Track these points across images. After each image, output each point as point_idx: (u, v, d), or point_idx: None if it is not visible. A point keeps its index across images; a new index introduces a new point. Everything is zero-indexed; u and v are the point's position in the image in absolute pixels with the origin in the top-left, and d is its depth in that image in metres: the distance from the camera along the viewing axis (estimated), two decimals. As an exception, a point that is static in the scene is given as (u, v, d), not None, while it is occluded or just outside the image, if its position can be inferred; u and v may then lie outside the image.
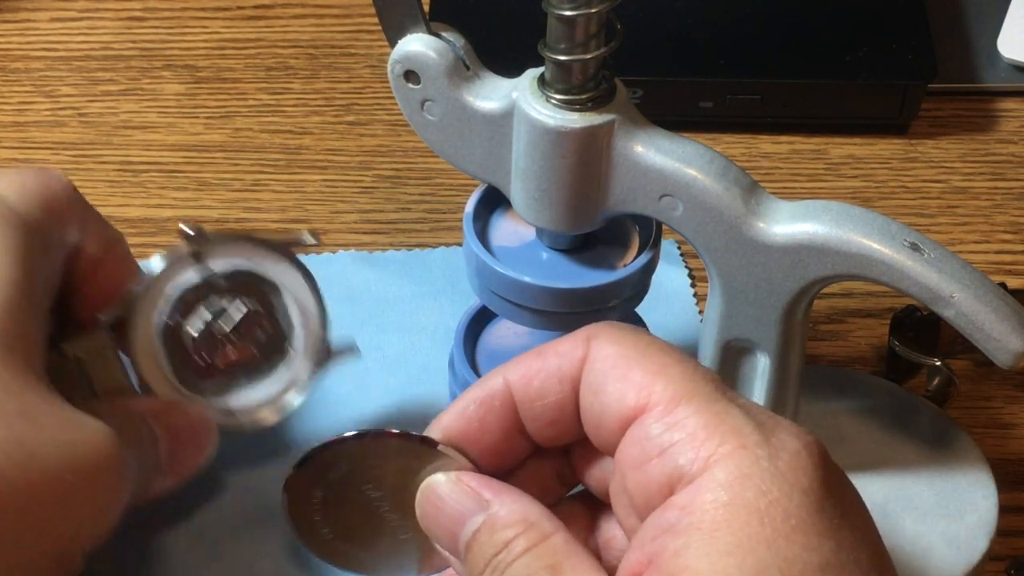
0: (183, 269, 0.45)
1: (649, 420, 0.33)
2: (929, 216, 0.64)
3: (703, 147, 0.43)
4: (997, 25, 0.70)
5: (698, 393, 0.33)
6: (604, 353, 0.34)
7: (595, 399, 0.34)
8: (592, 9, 0.40)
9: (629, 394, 0.33)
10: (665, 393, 0.33)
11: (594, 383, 0.34)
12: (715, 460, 0.31)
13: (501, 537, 0.34)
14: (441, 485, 0.35)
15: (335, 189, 0.65)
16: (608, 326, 0.35)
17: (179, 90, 0.70)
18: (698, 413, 0.32)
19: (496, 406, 0.36)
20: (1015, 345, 0.41)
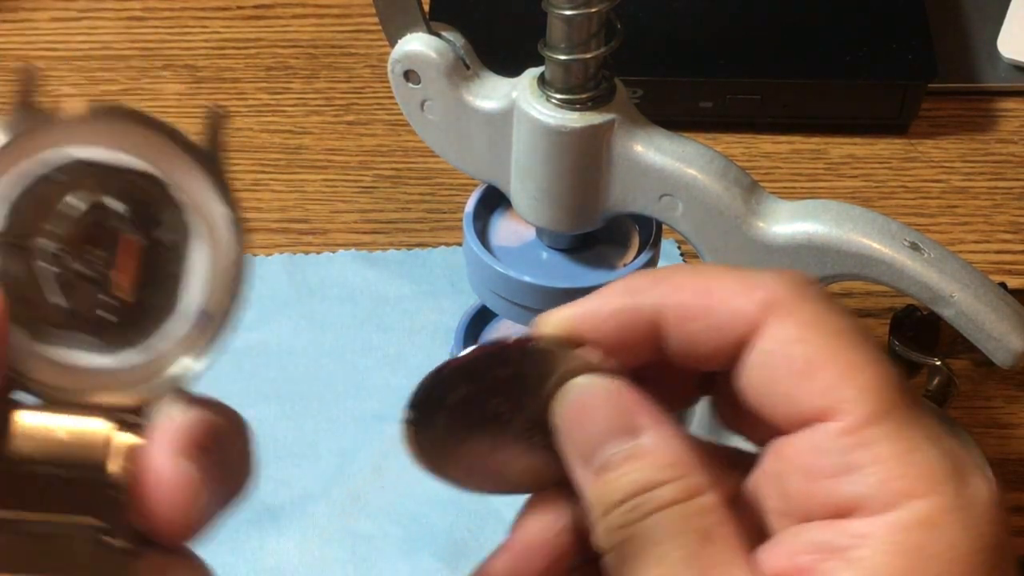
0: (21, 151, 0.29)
1: (833, 432, 0.29)
2: (929, 216, 0.64)
3: (703, 147, 0.43)
4: (997, 25, 0.70)
5: (893, 413, 0.29)
6: (786, 335, 0.30)
7: (769, 385, 0.30)
8: (592, 9, 0.40)
9: (813, 395, 0.30)
10: (856, 405, 0.29)
11: (769, 366, 0.30)
12: (903, 499, 0.28)
13: (647, 476, 0.30)
14: (593, 390, 0.31)
15: (335, 189, 0.65)
16: (794, 290, 0.31)
17: (179, 90, 0.70)
18: (891, 439, 0.29)
19: (640, 327, 0.32)
20: (1015, 344, 0.41)
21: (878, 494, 0.28)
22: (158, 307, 0.29)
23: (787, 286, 0.31)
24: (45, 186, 0.28)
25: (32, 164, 0.28)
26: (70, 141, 0.29)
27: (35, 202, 0.28)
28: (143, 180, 0.29)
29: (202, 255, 0.29)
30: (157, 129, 0.29)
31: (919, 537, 0.28)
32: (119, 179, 0.29)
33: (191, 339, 0.29)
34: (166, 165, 0.30)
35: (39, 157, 0.28)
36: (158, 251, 0.29)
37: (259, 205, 0.64)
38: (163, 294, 0.29)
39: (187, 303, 0.29)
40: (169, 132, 0.30)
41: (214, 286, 0.29)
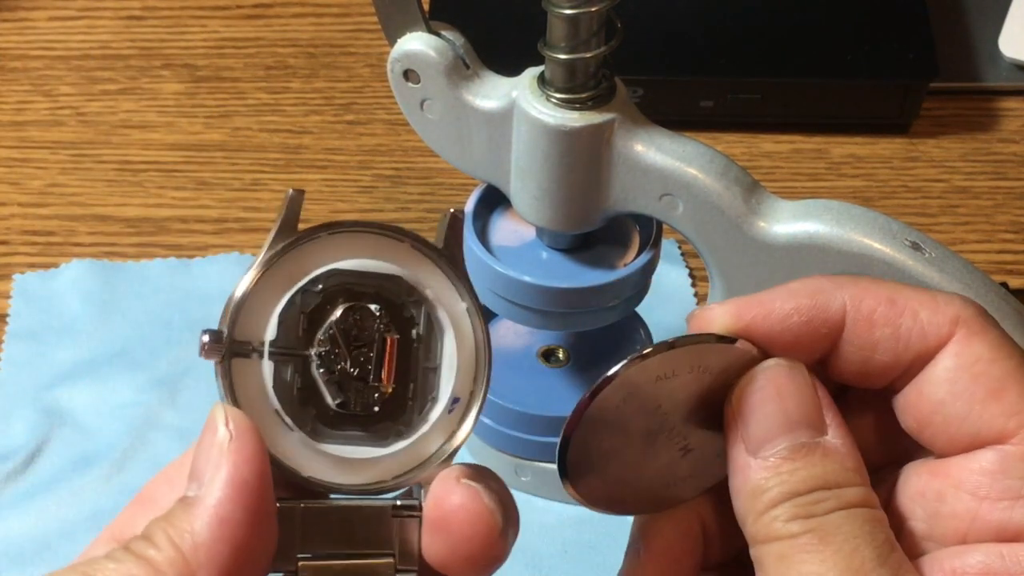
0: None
1: (1014, 454, 0.29)
2: (930, 215, 0.64)
3: (704, 146, 0.43)
4: (998, 24, 0.70)
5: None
6: (975, 352, 0.30)
7: (948, 401, 0.30)
8: (592, 8, 0.40)
9: (997, 416, 0.29)
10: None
11: (952, 381, 0.30)
12: None
13: (836, 475, 0.29)
14: (784, 376, 0.31)
15: (334, 188, 0.65)
16: (980, 313, 0.31)
17: (178, 89, 0.70)
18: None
19: (821, 330, 0.31)
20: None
21: None
22: (417, 397, 0.31)
23: (973, 309, 0.31)
24: (305, 297, 0.30)
25: (292, 278, 0.30)
26: (324, 254, 0.31)
27: (299, 312, 0.30)
28: (390, 282, 0.31)
29: (449, 346, 0.31)
30: (399, 235, 0.31)
31: None
32: (370, 283, 0.31)
33: (447, 422, 0.32)
34: (411, 267, 0.31)
35: (298, 271, 0.30)
36: (411, 346, 0.31)
37: (258, 205, 0.64)
38: (420, 385, 0.31)
39: (441, 390, 0.31)
40: (411, 238, 0.31)
41: (462, 372, 0.32)
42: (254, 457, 0.28)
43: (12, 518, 0.53)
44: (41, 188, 0.65)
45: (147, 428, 0.55)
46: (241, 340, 0.30)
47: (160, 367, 0.57)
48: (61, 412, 0.56)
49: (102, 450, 0.54)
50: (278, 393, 0.30)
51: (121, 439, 0.55)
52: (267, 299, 0.30)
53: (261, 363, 0.30)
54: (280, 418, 0.30)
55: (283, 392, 0.30)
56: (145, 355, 0.57)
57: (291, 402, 0.30)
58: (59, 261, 0.61)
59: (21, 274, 0.61)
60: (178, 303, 0.59)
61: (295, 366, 0.30)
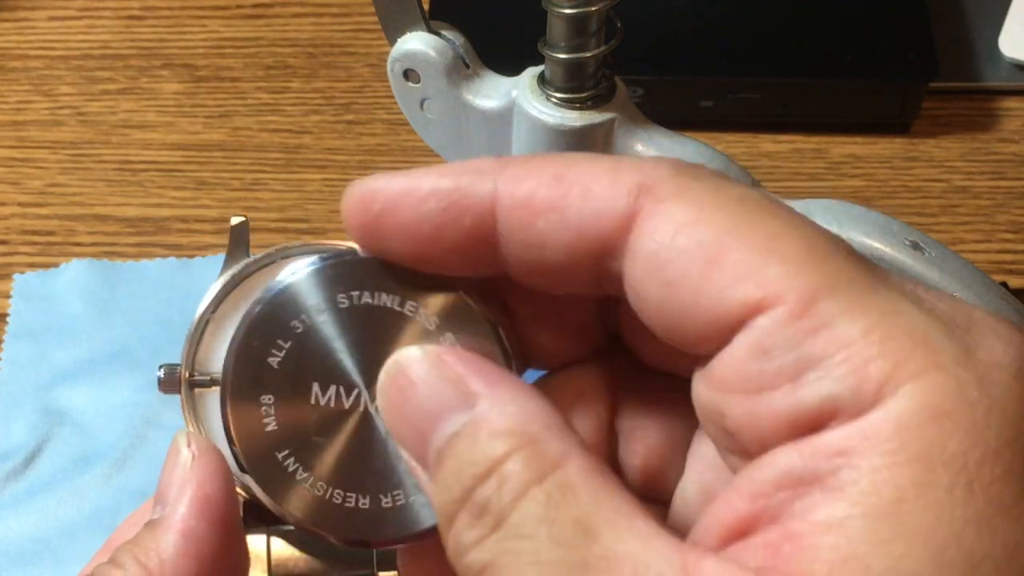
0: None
1: (771, 325, 0.21)
2: (930, 215, 0.64)
3: (704, 146, 0.43)
4: (998, 24, 0.70)
5: (847, 279, 0.21)
6: (672, 219, 0.22)
7: (666, 289, 0.23)
8: (592, 7, 0.40)
9: (729, 286, 0.22)
10: (791, 281, 0.21)
11: (660, 263, 0.23)
12: (892, 386, 0.20)
13: (485, 450, 0.23)
14: (412, 364, 0.25)
15: (334, 188, 0.65)
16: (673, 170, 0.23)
17: (178, 89, 0.70)
18: (853, 311, 0.21)
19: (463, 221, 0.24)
20: (1017, 345, 0.41)
21: (854, 387, 0.21)
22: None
23: (665, 169, 0.23)
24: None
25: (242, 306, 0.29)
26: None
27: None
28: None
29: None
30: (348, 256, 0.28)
31: (925, 435, 0.20)
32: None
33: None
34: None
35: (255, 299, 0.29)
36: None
37: (258, 205, 0.64)
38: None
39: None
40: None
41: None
42: (217, 474, 0.28)
43: (12, 518, 0.53)
44: (41, 188, 0.65)
45: (147, 428, 0.55)
46: (202, 372, 0.30)
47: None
48: (61, 412, 0.56)
49: (102, 450, 0.54)
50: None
51: (121, 439, 0.55)
52: (225, 328, 0.30)
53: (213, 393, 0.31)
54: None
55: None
56: (145, 355, 0.57)
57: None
58: (59, 261, 0.61)
59: (21, 274, 0.61)
60: (178, 303, 0.59)
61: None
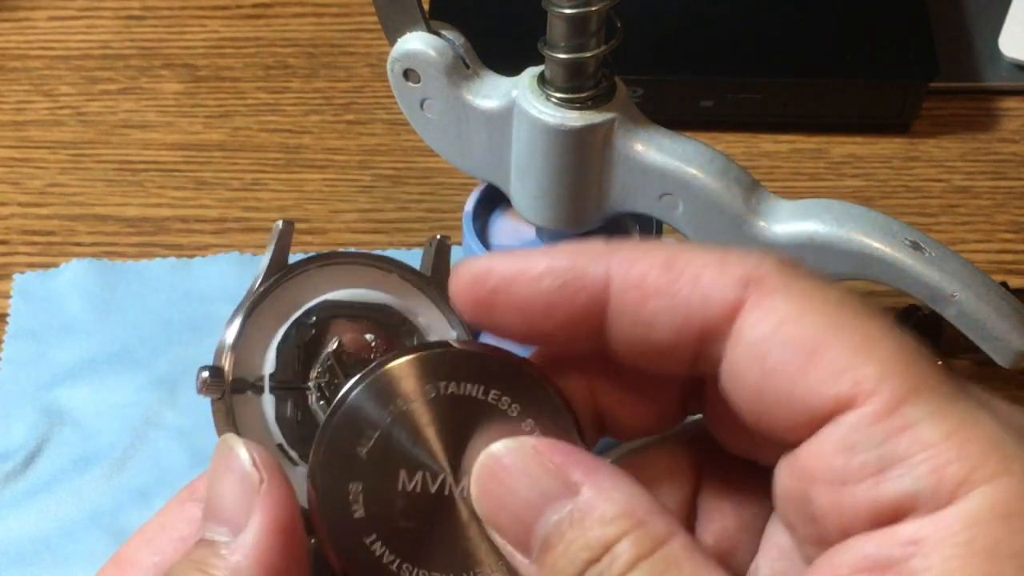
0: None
1: (861, 421, 0.23)
2: (930, 215, 0.64)
3: (703, 146, 0.43)
4: (999, 23, 0.70)
5: (931, 386, 0.23)
6: (777, 312, 0.24)
7: (766, 382, 0.24)
8: (592, 7, 0.40)
9: (825, 381, 0.23)
10: (883, 383, 0.23)
11: (762, 352, 0.24)
12: (967, 488, 0.22)
13: (599, 536, 0.24)
14: (508, 456, 0.26)
15: (334, 188, 0.65)
16: (778, 265, 0.25)
17: (178, 89, 0.70)
18: (936, 417, 0.23)
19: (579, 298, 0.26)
20: (1017, 344, 0.41)
21: (933, 486, 0.23)
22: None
23: (771, 264, 0.25)
24: (300, 329, 0.30)
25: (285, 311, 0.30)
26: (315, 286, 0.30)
27: (294, 345, 0.30)
28: (381, 312, 0.31)
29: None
30: (388, 266, 0.31)
31: (993, 532, 0.22)
32: (362, 314, 0.30)
33: None
34: (401, 296, 0.31)
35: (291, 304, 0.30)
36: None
37: (258, 205, 0.64)
38: None
39: None
40: (399, 268, 0.31)
41: None
42: (288, 500, 0.27)
43: (12, 518, 0.53)
44: (41, 188, 0.65)
45: (147, 428, 0.55)
46: (240, 376, 0.29)
47: (160, 367, 0.57)
48: (61, 412, 0.56)
49: (102, 450, 0.54)
50: (280, 427, 0.29)
51: (121, 439, 0.55)
52: (262, 333, 0.29)
53: (261, 398, 0.29)
54: (284, 452, 0.29)
55: (285, 426, 0.30)
56: (145, 355, 0.57)
57: (292, 436, 0.30)
58: (59, 261, 0.61)
59: (21, 274, 0.61)
60: (178, 303, 0.59)
61: (294, 399, 0.30)
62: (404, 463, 0.27)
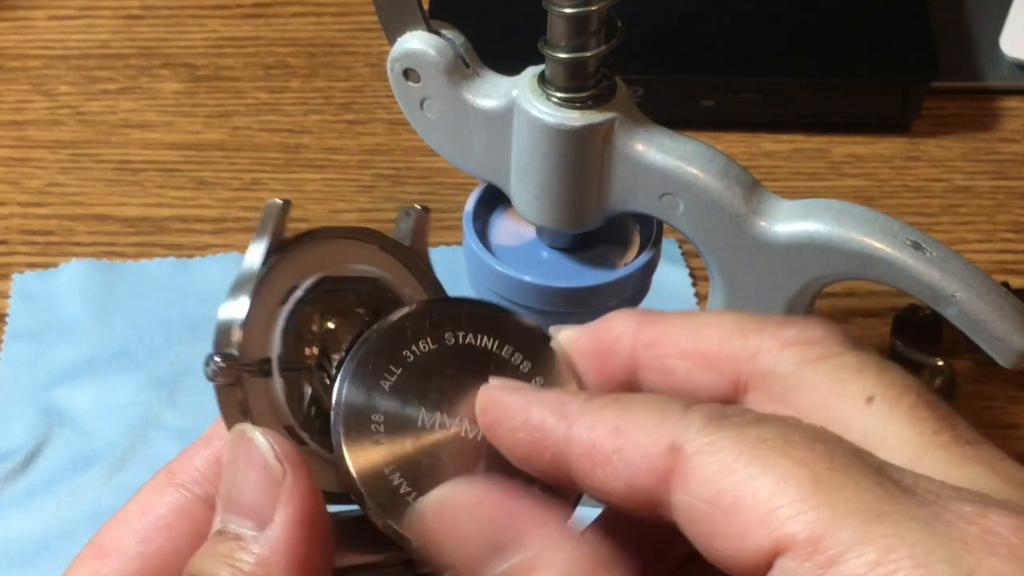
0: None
1: (790, 564, 0.23)
2: (931, 215, 0.64)
3: (704, 145, 0.42)
4: (999, 23, 0.70)
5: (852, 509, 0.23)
6: (697, 475, 0.24)
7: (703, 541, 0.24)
8: (592, 7, 0.40)
9: (747, 535, 0.23)
10: (800, 522, 0.23)
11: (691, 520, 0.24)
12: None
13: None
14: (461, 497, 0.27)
15: (334, 188, 0.65)
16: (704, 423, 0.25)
17: (177, 89, 0.70)
18: (861, 543, 0.22)
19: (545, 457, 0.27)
20: (1018, 344, 0.41)
21: None
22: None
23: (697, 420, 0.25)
24: (298, 308, 0.30)
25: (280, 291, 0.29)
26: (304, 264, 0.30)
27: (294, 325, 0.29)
28: (369, 285, 0.31)
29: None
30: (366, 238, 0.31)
31: None
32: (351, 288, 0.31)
33: None
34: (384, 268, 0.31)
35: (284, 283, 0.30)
36: None
37: (257, 204, 0.64)
38: None
39: None
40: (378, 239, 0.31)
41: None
42: (313, 490, 0.27)
43: (11, 518, 0.52)
44: (40, 188, 0.65)
45: (147, 428, 0.55)
46: (249, 359, 0.28)
47: (160, 367, 0.57)
48: (60, 412, 0.56)
49: (101, 450, 0.54)
50: (290, 408, 0.29)
51: (121, 439, 0.55)
52: (262, 314, 0.29)
53: (268, 380, 0.29)
54: (295, 433, 0.29)
55: (294, 407, 0.29)
56: (145, 355, 0.57)
57: (300, 416, 0.29)
58: (58, 261, 0.61)
59: (20, 274, 0.60)
60: (178, 303, 0.59)
61: (300, 379, 0.30)
62: (423, 402, 0.29)
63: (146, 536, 0.29)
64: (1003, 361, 0.41)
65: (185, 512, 0.30)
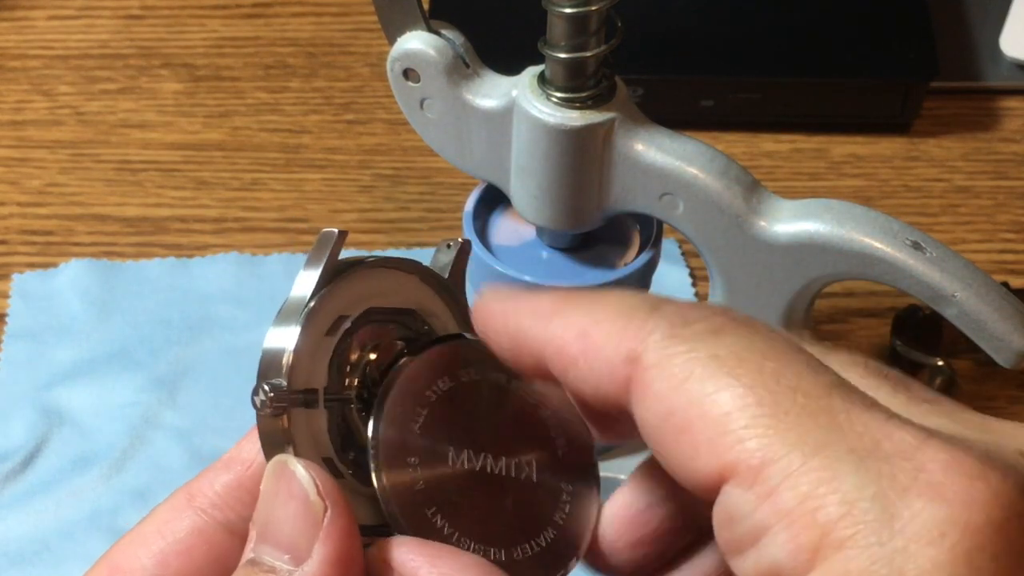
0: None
1: (734, 493, 0.23)
2: (931, 215, 0.64)
3: (704, 145, 0.42)
4: (1000, 23, 0.70)
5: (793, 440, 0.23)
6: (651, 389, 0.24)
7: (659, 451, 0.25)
8: (592, 7, 0.40)
9: (696, 457, 0.23)
10: (743, 449, 0.23)
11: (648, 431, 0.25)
12: (821, 556, 0.22)
13: None
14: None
15: (334, 188, 0.65)
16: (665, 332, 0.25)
17: (177, 89, 0.70)
18: (794, 477, 0.22)
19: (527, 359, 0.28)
20: (1017, 344, 0.41)
21: (791, 556, 0.22)
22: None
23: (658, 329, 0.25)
24: (347, 339, 0.30)
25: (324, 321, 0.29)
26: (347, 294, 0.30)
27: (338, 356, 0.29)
28: (406, 316, 0.31)
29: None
30: (408, 268, 0.31)
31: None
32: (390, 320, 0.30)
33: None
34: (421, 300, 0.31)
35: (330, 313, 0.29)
36: None
37: (257, 204, 0.64)
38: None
39: None
40: (419, 271, 0.31)
41: None
42: (351, 529, 0.26)
43: (11, 518, 0.52)
44: (40, 188, 0.65)
45: (146, 428, 0.55)
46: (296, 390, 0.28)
47: (160, 367, 0.57)
48: (60, 412, 0.55)
49: (101, 450, 0.54)
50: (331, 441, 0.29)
51: (120, 439, 0.55)
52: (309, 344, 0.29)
53: (314, 412, 0.29)
54: (333, 466, 0.29)
55: (333, 439, 0.29)
56: (144, 355, 0.57)
57: (338, 448, 0.29)
58: (58, 261, 0.61)
59: (20, 274, 0.60)
60: (177, 303, 0.59)
61: (341, 411, 0.29)
62: (451, 440, 0.29)
63: (164, 559, 0.29)
64: (1003, 361, 0.41)
65: (204, 537, 0.29)
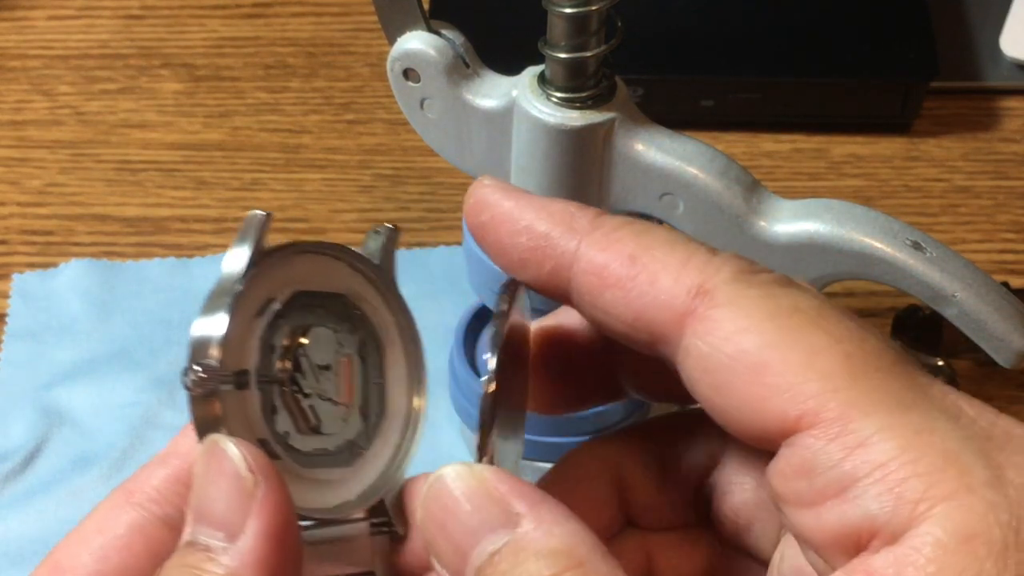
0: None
1: (813, 443, 0.22)
2: (931, 215, 0.64)
3: (704, 145, 0.42)
4: (1000, 23, 0.70)
5: (880, 397, 0.22)
6: (721, 328, 0.24)
7: (714, 392, 0.24)
8: (592, 7, 0.40)
9: (772, 400, 0.23)
10: (828, 400, 0.22)
11: (708, 368, 0.24)
12: (926, 506, 0.21)
13: (531, 571, 0.23)
14: (455, 481, 0.25)
15: (334, 188, 0.65)
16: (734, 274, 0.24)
17: (177, 89, 0.70)
18: (886, 431, 0.22)
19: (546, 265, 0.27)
20: (1018, 344, 0.41)
21: (890, 507, 0.22)
22: (370, 414, 0.31)
23: (727, 271, 0.25)
24: (278, 322, 0.30)
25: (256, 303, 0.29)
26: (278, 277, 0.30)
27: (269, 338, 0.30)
28: (336, 301, 0.31)
29: (393, 361, 0.32)
30: (336, 253, 0.31)
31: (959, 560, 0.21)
32: (319, 304, 0.31)
33: (401, 438, 0.32)
34: (351, 285, 0.31)
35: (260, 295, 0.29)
36: (363, 363, 0.31)
37: (257, 204, 0.64)
38: (372, 401, 0.31)
39: (389, 405, 0.32)
40: (348, 256, 0.31)
41: (406, 388, 0.32)
42: (285, 503, 0.26)
43: (11, 518, 0.52)
44: (40, 188, 0.65)
45: (146, 428, 0.55)
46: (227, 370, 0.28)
47: (159, 367, 0.57)
48: (60, 412, 0.55)
49: (101, 450, 0.54)
50: (264, 421, 0.29)
51: (120, 439, 0.55)
52: (239, 326, 0.29)
53: (245, 392, 0.29)
54: (269, 447, 0.29)
55: (267, 420, 0.29)
56: (144, 355, 0.57)
57: (273, 430, 0.29)
58: (58, 261, 0.61)
59: (20, 274, 0.60)
60: (177, 303, 0.59)
61: (274, 393, 0.29)
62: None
63: (103, 555, 0.29)
64: (1003, 361, 0.41)
65: (143, 532, 0.29)
